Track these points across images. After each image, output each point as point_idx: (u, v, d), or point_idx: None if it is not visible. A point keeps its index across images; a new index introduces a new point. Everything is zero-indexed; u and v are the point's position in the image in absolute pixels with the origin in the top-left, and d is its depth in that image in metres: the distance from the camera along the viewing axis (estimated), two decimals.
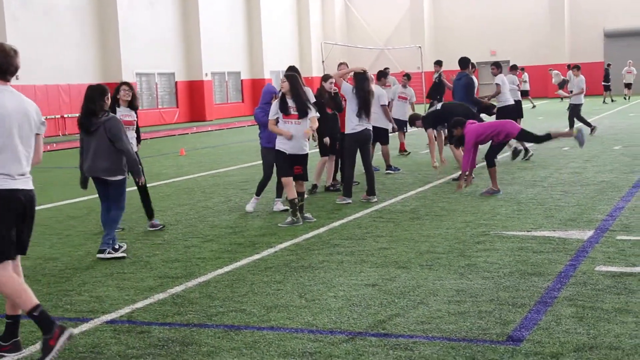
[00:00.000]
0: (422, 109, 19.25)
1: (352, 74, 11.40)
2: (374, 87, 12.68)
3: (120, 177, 8.34)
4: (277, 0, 46.31)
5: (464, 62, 15.56)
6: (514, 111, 17.90)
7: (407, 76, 17.95)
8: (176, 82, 38.06)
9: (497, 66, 17.09)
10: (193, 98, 38.44)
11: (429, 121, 13.56)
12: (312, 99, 11.24)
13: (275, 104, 9.96)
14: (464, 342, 5.12)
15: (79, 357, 5.19)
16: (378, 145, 14.43)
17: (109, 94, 8.34)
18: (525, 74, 35.34)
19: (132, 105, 9.65)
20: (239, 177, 15.22)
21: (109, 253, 8.19)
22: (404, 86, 17.47)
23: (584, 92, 21.01)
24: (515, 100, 19.46)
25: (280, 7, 46.52)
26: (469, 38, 49.24)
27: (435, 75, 19.95)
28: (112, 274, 7.54)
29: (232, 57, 42.50)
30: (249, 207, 10.79)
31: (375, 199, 11.18)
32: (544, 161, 15.16)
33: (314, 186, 12.24)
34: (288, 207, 9.89)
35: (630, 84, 39.00)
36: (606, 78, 38.82)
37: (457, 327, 5.41)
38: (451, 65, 25.97)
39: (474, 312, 5.74)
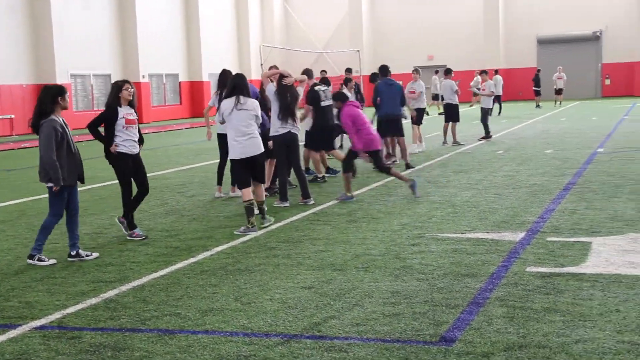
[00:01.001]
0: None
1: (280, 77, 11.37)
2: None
3: (49, 184, 8.03)
4: (216, 3, 46.08)
5: (384, 69, 15.88)
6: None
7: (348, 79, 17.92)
8: (112, 84, 37.53)
9: (417, 72, 18.12)
10: None
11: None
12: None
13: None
14: (398, 343, 5.16)
15: None
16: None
17: (65, 95, 8.09)
18: (498, 76, 35.54)
19: (132, 104, 9.29)
20: (176, 180, 15.08)
21: (38, 260, 7.98)
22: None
23: (493, 96, 21.77)
24: (452, 104, 19.78)
25: (219, 10, 46.30)
26: (407, 43, 49.91)
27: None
28: (42, 279, 7.38)
29: (170, 59, 42.13)
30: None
31: (312, 202, 11.20)
32: (479, 164, 15.42)
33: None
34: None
35: (561, 89, 39.95)
36: (537, 83, 39.69)
37: (391, 329, 5.45)
38: (392, 69, 26.27)
39: (408, 313, 5.80)
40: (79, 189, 8.43)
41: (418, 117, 18.41)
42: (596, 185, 11.87)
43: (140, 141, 9.45)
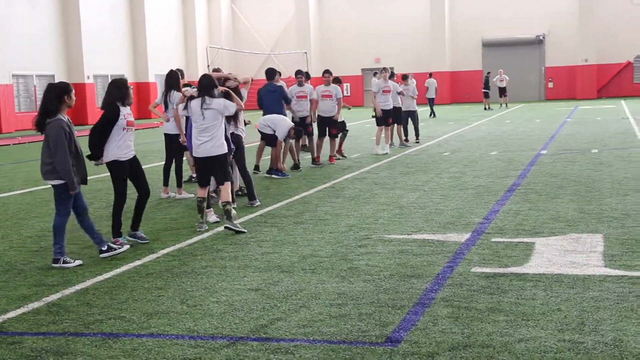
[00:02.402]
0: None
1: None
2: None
3: (56, 182, 7.77)
4: (162, 3, 45.65)
5: (271, 72, 15.46)
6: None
7: (307, 75, 17.64)
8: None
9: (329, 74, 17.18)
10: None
11: None
12: None
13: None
14: (345, 344, 5.18)
15: None
16: None
17: (71, 93, 7.85)
18: (432, 80, 35.94)
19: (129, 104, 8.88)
20: None
21: (64, 263, 7.74)
22: (300, 84, 17.05)
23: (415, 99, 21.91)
24: (396, 107, 19.91)
25: (164, 10, 45.88)
26: (354, 45, 50.20)
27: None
28: None
29: (116, 59, 41.59)
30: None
31: (258, 203, 11.17)
32: (425, 166, 15.57)
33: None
34: (219, 219, 9.88)
35: (505, 89, 40.54)
36: (486, 85, 40.32)
37: (337, 330, 5.47)
38: (336, 71, 26.40)
39: (355, 314, 5.82)
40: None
41: (385, 117, 18.51)
42: (539, 186, 12.09)
43: None
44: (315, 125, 16.78)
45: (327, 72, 17.11)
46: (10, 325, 5.86)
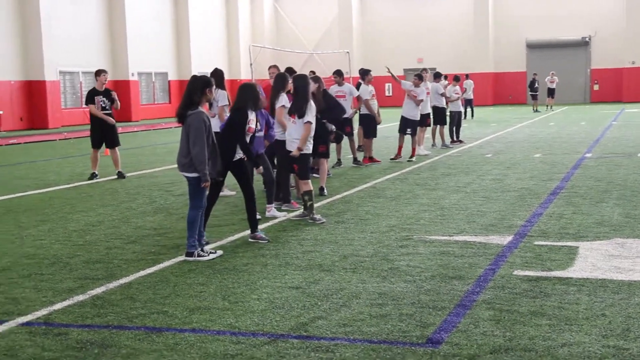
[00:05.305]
0: None
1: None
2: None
3: (193, 174, 7.85)
4: (206, 2, 46.00)
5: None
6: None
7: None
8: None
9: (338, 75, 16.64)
10: (119, 98, 37.79)
11: None
12: (224, 101, 11.43)
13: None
14: (385, 344, 5.18)
15: None
16: None
17: (212, 88, 7.99)
18: (470, 81, 35.29)
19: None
20: (164, 178, 15.05)
21: (198, 256, 7.81)
22: (340, 84, 17.01)
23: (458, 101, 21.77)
24: (439, 107, 19.81)
25: (208, 9, 46.22)
26: (396, 45, 50.02)
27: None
28: (29, 275, 7.35)
29: (160, 57, 42.02)
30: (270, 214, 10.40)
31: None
32: (467, 168, 15.46)
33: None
34: (276, 215, 10.13)
35: (553, 90, 40.06)
36: (532, 87, 39.81)
37: (378, 330, 5.47)
38: (379, 71, 26.31)
39: (395, 314, 5.81)
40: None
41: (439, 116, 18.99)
42: (584, 190, 11.93)
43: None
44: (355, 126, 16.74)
45: (336, 72, 16.83)
46: (56, 317, 5.97)
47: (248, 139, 8.71)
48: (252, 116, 8.70)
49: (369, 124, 16.64)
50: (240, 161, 8.65)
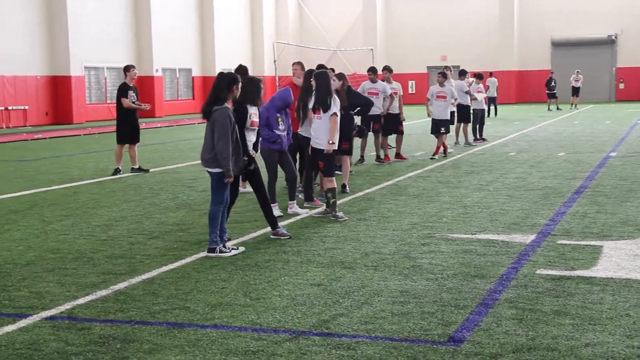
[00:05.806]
0: None
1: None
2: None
3: (216, 170, 7.89)
4: None
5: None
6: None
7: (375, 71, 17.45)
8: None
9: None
10: (142, 94, 38.04)
11: None
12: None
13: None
14: (406, 342, 5.16)
15: (16, 354, 5.09)
16: None
17: (239, 85, 8.00)
18: (493, 79, 34.50)
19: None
20: (187, 174, 15.11)
21: (220, 252, 7.84)
22: (373, 81, 16.91)
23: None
24: (463, 105, 19.71)
25: (233, 5, 46.31)
26: (420, 43, 49.85)
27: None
28: (53, 269, 7.42)
29: (184, 53, 42.19)
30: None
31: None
32: (490, 166, 15.38)
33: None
34: (281, 214, 9.97)
35: (578, 88, 39.71)
36: (549, 86, 39.40)
37: (399, 328, 5.45)
38: (401, 68, 26.24)
39: (417, 312, 5.80)
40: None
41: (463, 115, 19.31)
42: (608, 189, 11.82)
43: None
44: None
45: (371, 69, 16.64)
46: (79, 312, 6.01)
47: (254, 134, 8.69)
48: (252, 110, 8.63)
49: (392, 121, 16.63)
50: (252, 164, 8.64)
